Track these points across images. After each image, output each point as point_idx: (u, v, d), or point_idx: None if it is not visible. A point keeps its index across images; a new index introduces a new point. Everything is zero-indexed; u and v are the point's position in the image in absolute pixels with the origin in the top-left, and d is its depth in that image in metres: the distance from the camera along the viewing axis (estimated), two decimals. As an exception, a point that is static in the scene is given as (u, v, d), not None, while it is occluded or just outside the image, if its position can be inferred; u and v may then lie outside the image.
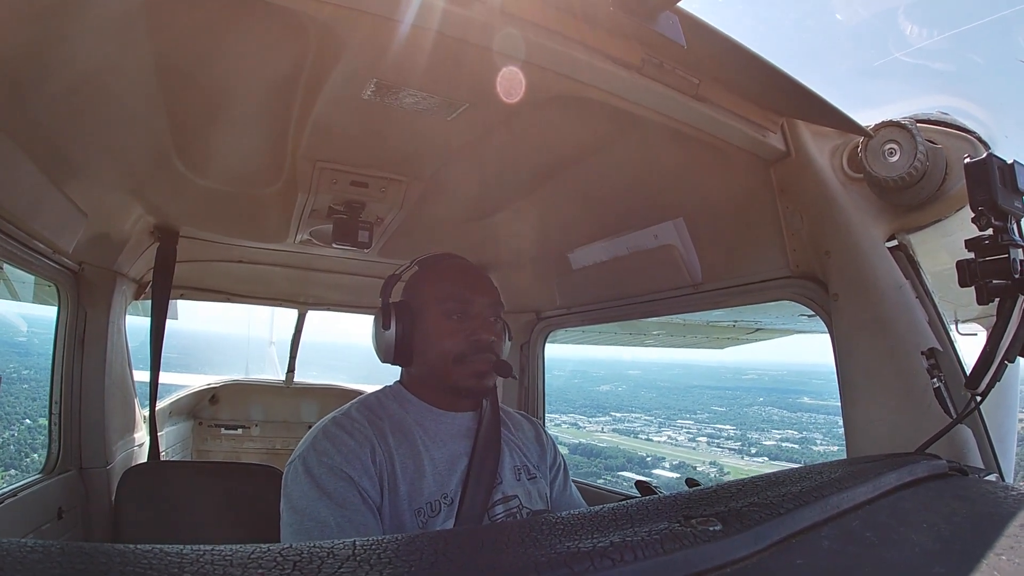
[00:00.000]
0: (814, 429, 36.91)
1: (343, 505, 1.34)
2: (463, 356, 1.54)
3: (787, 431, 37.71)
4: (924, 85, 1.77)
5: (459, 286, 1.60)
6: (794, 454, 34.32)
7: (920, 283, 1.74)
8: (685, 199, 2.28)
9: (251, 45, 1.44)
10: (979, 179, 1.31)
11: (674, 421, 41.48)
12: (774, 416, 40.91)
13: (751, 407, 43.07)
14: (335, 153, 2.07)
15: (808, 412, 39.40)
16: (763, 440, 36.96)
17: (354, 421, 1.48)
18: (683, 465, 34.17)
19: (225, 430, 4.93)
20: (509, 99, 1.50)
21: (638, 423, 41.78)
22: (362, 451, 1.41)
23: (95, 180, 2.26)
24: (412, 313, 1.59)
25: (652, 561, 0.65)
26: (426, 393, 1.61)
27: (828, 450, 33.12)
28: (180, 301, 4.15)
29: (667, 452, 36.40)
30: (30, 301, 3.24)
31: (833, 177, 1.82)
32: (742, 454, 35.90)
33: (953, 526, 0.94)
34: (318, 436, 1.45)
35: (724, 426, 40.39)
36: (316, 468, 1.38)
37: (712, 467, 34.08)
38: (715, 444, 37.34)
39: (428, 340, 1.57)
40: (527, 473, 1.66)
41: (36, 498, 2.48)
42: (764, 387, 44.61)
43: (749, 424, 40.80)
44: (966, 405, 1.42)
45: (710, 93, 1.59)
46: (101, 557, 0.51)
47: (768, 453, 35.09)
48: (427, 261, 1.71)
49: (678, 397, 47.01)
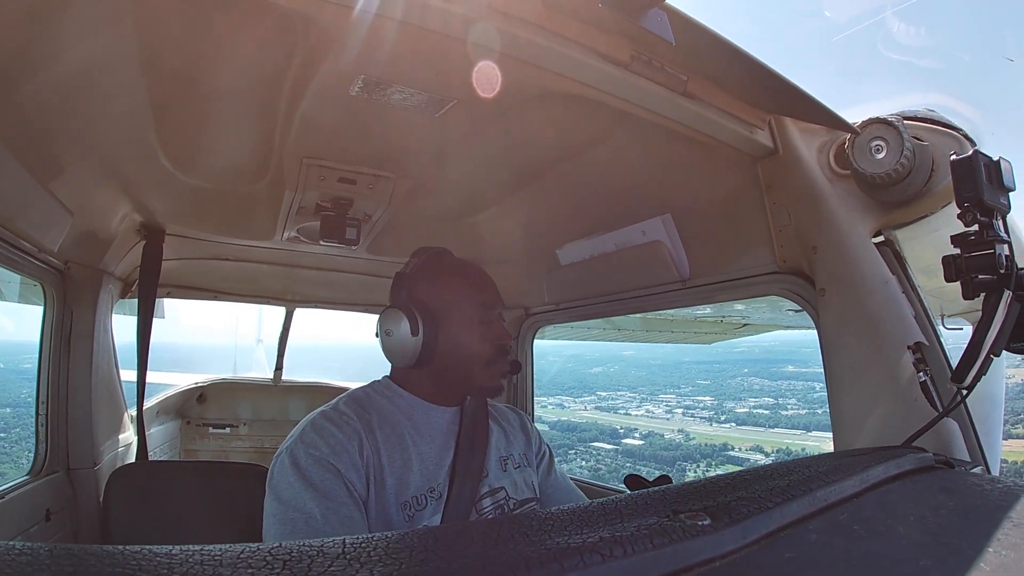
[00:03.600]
0: (790, 396, 38.39)
1: (329, 497, 1.34)
2: (493, 359, 1.59)
3: (763, 399, 39.21)
4: (911, 82, 1.79)
5: (486, 291, 1.64)
6: (762, 419, 36.05)
7: (906, 278, 1.76)
8: (673, 195, 2.29)
9: (238, 42, 1.43)
10: (965, 176, 1.33)
11: (656, 396, 43.00)
12: (755, 386, 42.21)
13: (735, 379, 44.10)
14: (322, 150, 2.06)
15: (788, 380, 40.69)
16: (736, 408, 38.69)
17: (342, 415, 1.48)
18: (652, 434, 36.26)
19: (213, 429, 4.90)
20: (497, 96, 1.50)
21: (620, 400, 43.28)
22: (350, 444, 1.41)
23: (81, 178, 2.24)
24: (435, 316, 1.57)
25: (641, 556, 0.66)
26: (422, 389, 1.61)
27: (797, 414, 35.05)
28: (167, 300, 4.12)
29: (641, 424, 38.20)
30: (15, 300, 3.20)
31: (820, 174, 1.83)
32: (711, 422, 37.81)
33: (940, 518, 0.95)
34: (306, 429, 1.45)
35: (703, 398, 42.04)
36: (303, 460, 1.37)
37: (680, 434, 36.04)
38: (689, 415, 39.27)
39: (458, 344, 1.57)
40: (513, 463, 1.68)
41: (23, 500, 2.45)
42: (753, 359, 45.30)
43: (728, 395, 42.24)
44: (952, 398, 1.43)
45: (698, 90, 1.59)
46: (90, 559, 0.51)
47: (737, 419, 37.09)
48: (435, 260, 1.68)
49: (666, 374, 48.02)
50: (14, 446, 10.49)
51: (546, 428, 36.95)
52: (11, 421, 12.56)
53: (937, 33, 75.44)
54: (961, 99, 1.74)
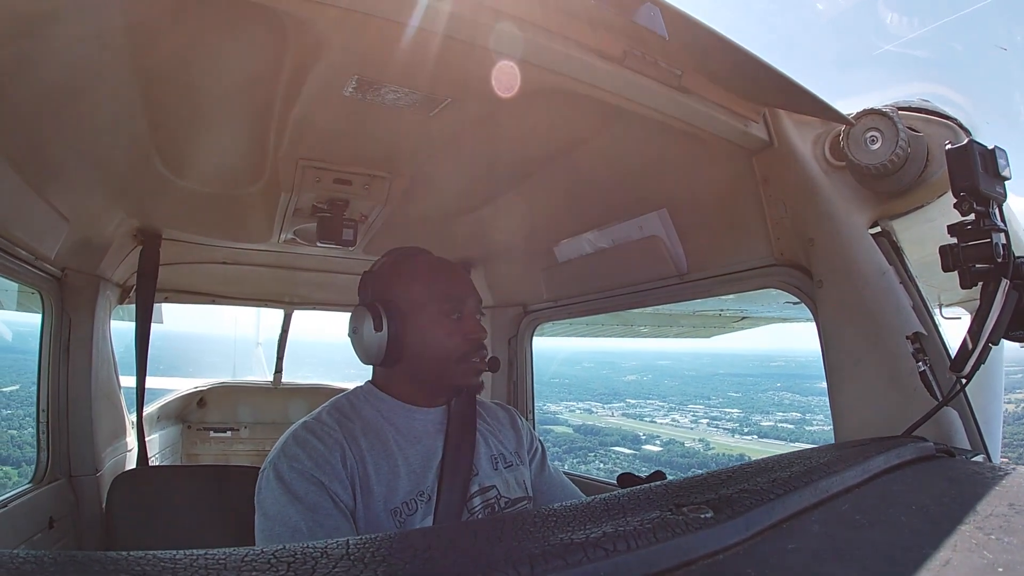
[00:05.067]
0: (818, 411, 38.50)
1: (314, 509, 1.33)
2: (465, 355, 1.56)
3: (791, 413, 39.71)
4: (904, 73, 1.79)
5: (455, 286, 1.61)
6: (788, 433, 36.16)
7: (903, 268, 1.76)
8: (669, 190, 2.29)
9: (230, 45, 1.43)
10: (961, 165, 1.33)
11: (685, 406, 43.69)
12: (785, 400, 42.98)
13: (766, 392, 44.98)
14: (317, 151, 2.06)
15: (820, 396, 40.97)
16: (762, 422, 39.10)
17: (324, 425, 1.47)
18: (672, 441, 36.70)
19: (214, 433, 4.90)
20: (491, 93, 1.50)
21: (649, 408, 43.90)
22: (332, 455, 1.40)
23: (76, 185, 2.23)
24: (403, 313, 1.56)
25: (645, 550, 0.66)
26: (403, 391, 1.60)
27: (821, 429, 34.68)
28: (165, 304, 4.12)
29: (663, 431, 38.77)
30: (13, 309, 3.20)
31: (815, 165, 1.83)
32: (734, 433, 38.10)
33: (942, 507, 0.95)
34: (288, 441, 1.44)
35: (731, 410, 42.69)
36: (287, 473, 1.37)
37: (700, 443, 36.38)
38: (715, 425, 39.52)
39: (426, 340, 1.56)
40: (504, 461, 1.66)
41: (26, 508, 2.45)
42: (788, 373, 46.07)
43: (757, 408, 42.85)
44: (951, 388, 1.43)
45: (692, 84, 1.59)
46: (94, 565, 0.51)
47: (761, 432, 37.37)
48: (407, 258, 1.68)
49: (699, 385, 48.81)
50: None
51: (570, 431, 37.60)
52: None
53: (929, 22, 74.48)
54: (955, 88, 1.74)
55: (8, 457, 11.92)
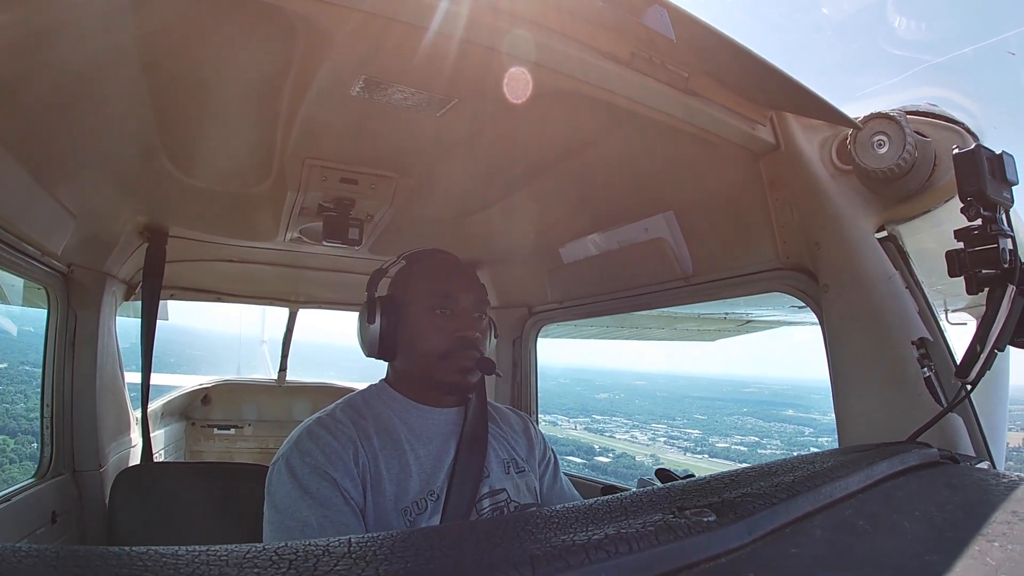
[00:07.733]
0: (775, 436, 41.19)
1: (325, 505, 1.34)
2: (448, 352, 1.55)
3: (748, 437, 42.04)
4: (912, 78, 1.78)
5: (445, 282, 1.61)
6: (738, 455, 38.29)
7: (910, 273, 1.75)
8: (675, 193, 2.28)
9: (238, 43, 1.44)
10: (968, 170, 1.32)
11: (648, 424, 45.89)
12: (748, 424, 45.28)
13: (731, 416, 47.10)
14: (324, 150, 2.07)
15: (782, 423, 43.93)
16: (718, 443, 41.44)
17: (338, 422, 1.48)
18: (624, 455, 38.53)
19: (218, 430, 4.91)
20: (499, 94, 1.50)
21: (612, 424, 46.10)
22: (344, 452, 1.41)
23: (83, 181, 2.24)
24: (397, 308, 1.60)
25: (647, 553, 0.66)
26: (411, 389, 1.61)
27: (773, 453, 36.71)
28: (170, 301, 4.13)
29: (619, 446, 41.12)
30: (19, 304, 3.20)
31: (822, 169, 1.82)
32: (687, 452, 40.32)
33: (945, 514, 0.95)
34: (302, 436, 1.45)
35: (692, 431, 44.97)
36: (299, 468, 1.38)
37: (650, 458, 38.26)
38: (670, 443, 42.15)
39: (413, 335, 1.58)
40: (515, 467, 1.66)
41: (29, 503, 2.46)
42: (758, 400, 48.01)
43: (717, 430, 45.00)
44: (956, 394, 1.43)
45: (699, 87, 1.59)
46: (96, 560, 0.51)
47: (713, 452, 39.73)
48: (414, 256, 1.71)
49: (668, 406, 51.05)
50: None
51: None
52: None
53: (937, 27, 73.81)
54: (963, 93, 1.73)
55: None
